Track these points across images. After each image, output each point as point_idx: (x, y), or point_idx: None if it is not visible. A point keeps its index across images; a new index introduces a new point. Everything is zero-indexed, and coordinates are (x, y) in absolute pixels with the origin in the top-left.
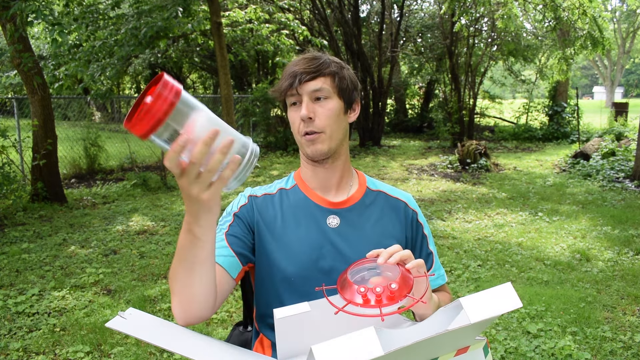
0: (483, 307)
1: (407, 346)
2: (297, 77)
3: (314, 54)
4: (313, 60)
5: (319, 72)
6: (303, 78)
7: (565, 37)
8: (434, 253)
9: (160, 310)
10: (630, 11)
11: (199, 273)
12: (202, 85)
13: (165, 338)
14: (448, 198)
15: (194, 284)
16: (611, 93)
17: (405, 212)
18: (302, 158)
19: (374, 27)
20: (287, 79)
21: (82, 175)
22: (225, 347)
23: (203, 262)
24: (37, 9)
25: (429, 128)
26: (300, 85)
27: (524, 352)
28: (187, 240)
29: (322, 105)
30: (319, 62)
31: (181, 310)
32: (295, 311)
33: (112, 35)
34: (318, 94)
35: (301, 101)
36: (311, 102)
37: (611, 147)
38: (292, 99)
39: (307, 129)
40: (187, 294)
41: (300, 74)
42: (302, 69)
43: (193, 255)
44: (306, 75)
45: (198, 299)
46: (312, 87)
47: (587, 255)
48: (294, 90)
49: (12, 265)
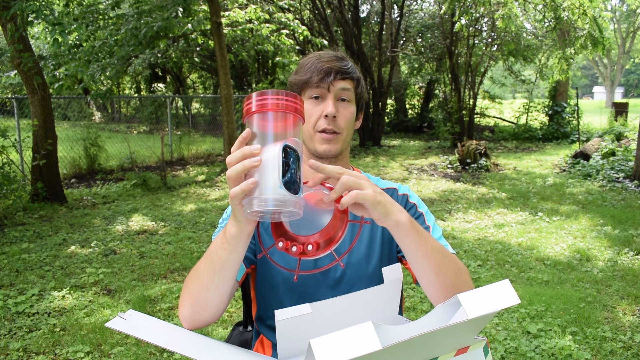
0: (481, 303)
1: (406, 341)
2: (331, 74)
3: (341, 54)
4: (343, 61)
5: (349, 74)
6: (337, 76)
7: (566, 37)
8: (431, 227)
9: (160, 310)
10: (630, 11)
11: (219, 277)
12: (202, 85)
13: (165, 338)
14: (448, 198)
15: (213, 287)
16: (611, 93)
17: (395, 197)
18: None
19: (374, 27)
20: (318, 72)
21: (82, 175)
22: (225, 347)
23: (228, 266)
24: (38, 9)
25: (429, 128)
26: (333, 81)
27: (524, 352)
28: (220, 239)
29: (345, 107)
30: (349, 65)
31: (191, 312)
32: (296, 313)
33: (112, 35)
34: (344, 95)
35: (324, 96)
36: (336, 101)
37: (611, 147)
38: (315, 91)
39: (329, 126)
40: (203, 298)
41: (335, 72)
42: (337, 67)
43: (218, 257)
44: (340, 74)
45: (211, 304)
46: (342, 85)
47: (587, 255)
48: (324, 84)
49: (12, 265)
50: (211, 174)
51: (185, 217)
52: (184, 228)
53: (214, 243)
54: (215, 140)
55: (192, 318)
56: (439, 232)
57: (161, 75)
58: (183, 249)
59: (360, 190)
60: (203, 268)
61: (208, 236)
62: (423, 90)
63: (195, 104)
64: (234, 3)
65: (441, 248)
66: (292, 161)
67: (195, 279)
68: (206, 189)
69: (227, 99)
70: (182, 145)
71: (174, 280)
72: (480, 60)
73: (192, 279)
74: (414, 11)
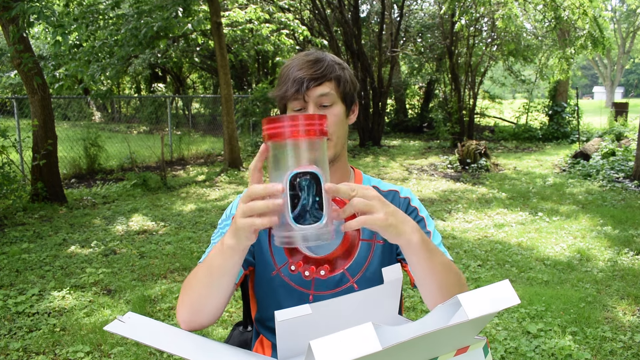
0: (481, 304)
1: (406, 342)
2: (303, 83)
3: (316, 56)
4: (317, 64)
5: (324, 77)
6: (310, 84)
7: (566, 37)
8: (432, 233)
9: (160, 310)
10: (630, 11)
11: (217, 284)
12: (202, 85)
13: (164, 340)
14: (448, 198)
15: (211, 294)
16: (611, 93)
17: (397, 201)
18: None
19: (374, 27)
20: (291, 84)
21: (82, 175)
22: (224, 348)
23: (227, 272)
24: (40, 11)
25: (429, 128)
26: (307, 91)
27: (524, 352)
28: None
29: (329, 112)
30: (324, 66)
31: (189, 316)
32: (296, 314)
33: (112, 35)
34: (324, 101)
35: (306, 107)
36: (317, 109)
37: (611, 147)
38: (296, 104)
39: None
40: (201, 303)
41: (308, 80)
42: (309, 74)
43: (217, 265)
44: (313, 81)
45: (209, 308)
46: (319, 92)
47: (587, 255)
48: (300, 96)
49: (12, 265)
50: (211, 174)
51: (185, 217)
52: (184, 228)
53: (212, 251)
54: (215, 140)
55: (190, 321)
56: (439, 239)
57: (161, 75)
58: (183, 249)
59: (369, 215)
60: (201, 275)
61: (208, 236)
62: (423, 90)
63: (195, 104)
64: (234, 3)
65: (448, 263)
66: (305, 189)
67: (194, 285)
68: (206, 189)
69: (227, 99)
70: (182, 145)
71: (174, 280)
72: (480, 60)
73: (191, 284)
74: (414, 11)
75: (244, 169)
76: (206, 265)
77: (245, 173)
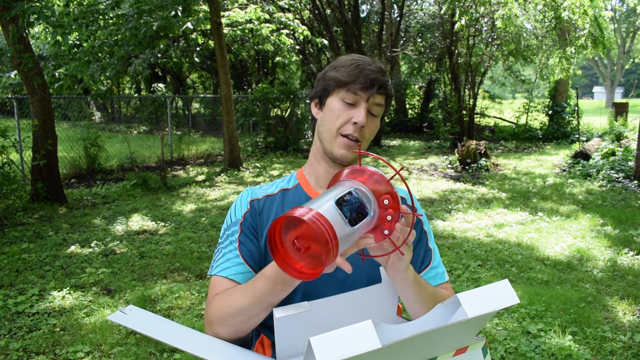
0: (480, 303)
1: (405, 340)
2: (374, 85)
3: (381, 66)
4: (385, 76)
5: (387, 90)
6: (380, 90)
7: (566, 37)
8: (433, 250)
9: (160, 310)
10: (630, 11)
11: (265, 312)
12: (202, 85)
13: (164, 333)
14: (448, 198)
15: (260, 318)
16: (611, 93)
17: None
18: (317, 154)
19: (374, 27)
20: (363, 80)
21: (82, 175)
22: (225, 346)
23: (270, 307)
24: (40, 11)
25: (429, 128)
26: (374, 94)
27: (524, 352)
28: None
29: (373, 121)
30: (389, 81)
31: (233, 334)
32: (294, 310)
33: (112, 35)
34: (375, 110)
35: (358, 104)
36: (367, 114)
37: (611, 147)
38: (352, 97)
39: (355, 133)
40: (249, 327)
41: (379, 85)
42: (381, 81)
43: (268, 303)
44: (382, 88)
45: (252, 327)
46: (378, 101)
47: (587, 255)
48: (366, 94)
49: (12, 265)
50: (211, 174)
51: (185, 217)
52: (184, 228)
53: (262, 289)
54: (215, 140)
55: (230, 337)
56: (438, 258)
57: (161, 75)
58: (183, 249)
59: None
60: (249, 306)
61: (208, 236)
62: (423, 90)
63: (195, 104)
64: (234, 3)
65: (436, 294)
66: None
67: (242, 313)
68: (206, 189)
69: (227, 99)
70: (182, 145)
71: (174, 280)
72: (480, 60)
73: (233, 311)
74: (414, 11)
75: (244, 169)
76: (255, 300)
77: (245, 173)
